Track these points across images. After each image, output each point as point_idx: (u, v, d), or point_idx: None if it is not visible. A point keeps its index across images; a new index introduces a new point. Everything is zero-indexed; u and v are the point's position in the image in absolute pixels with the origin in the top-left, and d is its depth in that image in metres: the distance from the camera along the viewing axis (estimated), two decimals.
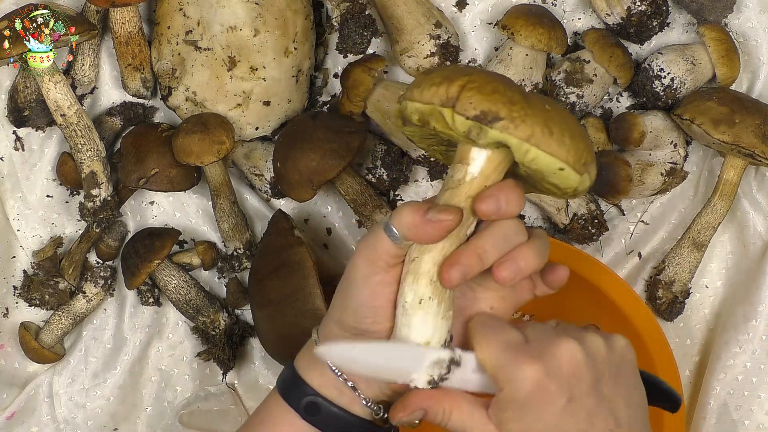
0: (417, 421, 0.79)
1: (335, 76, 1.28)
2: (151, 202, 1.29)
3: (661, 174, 1.23)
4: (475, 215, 0.76)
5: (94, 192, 1.22)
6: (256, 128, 1.25)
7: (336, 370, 0.79)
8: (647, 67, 1.22)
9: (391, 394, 0.80)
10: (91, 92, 1.27)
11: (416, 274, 0.76)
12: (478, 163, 0.76)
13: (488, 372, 0.75)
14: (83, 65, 1.24)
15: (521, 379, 0.73)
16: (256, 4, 1.17)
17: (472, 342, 0.77)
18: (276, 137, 1.27)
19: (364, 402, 0.80)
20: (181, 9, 1.19)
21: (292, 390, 0.81)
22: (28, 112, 1.24)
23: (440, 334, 0.76)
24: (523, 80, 1.20)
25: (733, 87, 1.23)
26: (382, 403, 0.80)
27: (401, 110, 0.78)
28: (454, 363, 0.75)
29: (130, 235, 1.28)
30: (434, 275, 0.76)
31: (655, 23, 1.22)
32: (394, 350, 0.76)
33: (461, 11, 1.27)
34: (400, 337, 0.76)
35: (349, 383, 0.79)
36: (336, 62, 1.28)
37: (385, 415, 0.80)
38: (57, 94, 1.18)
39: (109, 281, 1.26)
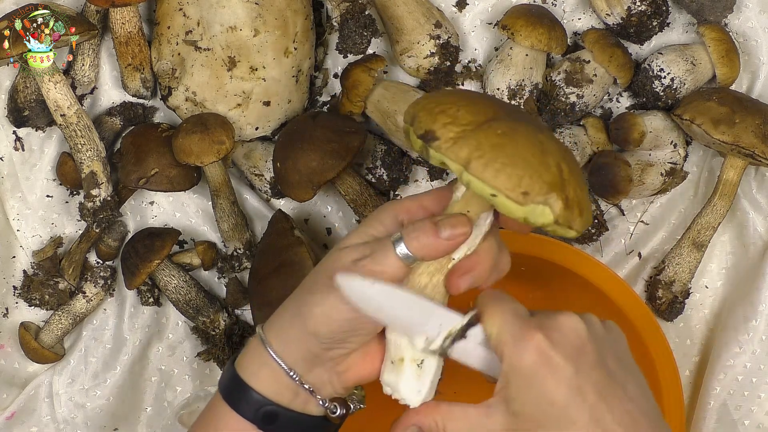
0: None
1: (335, 76, 1.29)
2: (151, 202, 1.30)
3: (661, 174, 1.23)
4: None
5: (94, 192, 1.22)
6: (256, 128, 1.25)
7: (293, 374, 0.78)
8: (647, 67, 1.22)
9: (343, 392, 0.81)
10: (91, 92, 1.27)
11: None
12: (462, 187, 0.78)
13: (492, 342, 0.74)
14: (83, 65, 1.24)
15: (525, 348, 0.72)
16: (256, 4, 1.17)
17: (480, 313, 0.76)
18: (276, 137, 1.27)
19: (320, 403, 0.80)
20: (181, 9, 1.19)
21: (242, 399, 0.79)
22: (28, 112, 1.24)
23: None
24: (523, 80, 1.21)
25: (733, 87, 1.23)
26: (335, 400, 0.81)
27: None
28: (460, 337, 0.75)
29: (130, 235, 1.28)
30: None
31: (655, 23, 1.22)
32: (415, 302, 0.75)
33: (461, 11, 1.27)
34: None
35: (306, 386, 0.79)
36: (336, 62, 1.28)
37: (342, 412, 0.81)
38: (57, 94, 1.18)
39: (109, 281, 1.26)
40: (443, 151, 0.73)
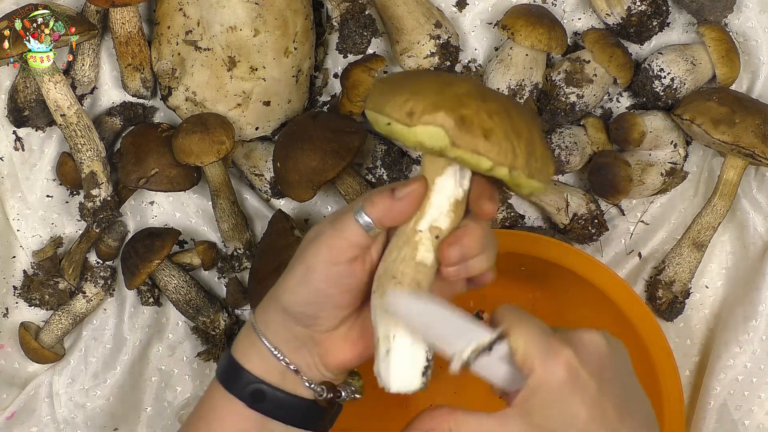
0: None
1: (335, 76, 1.29)
2: (151, 202, 1.30)
3: (661, 174, 1.23)
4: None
5: (94, 192, 1.22)
6: (256, 128, 1.25)
7: (278, 354, 0.81)
8: (647, 67, 1.22)
9: (331, 376, 0.83)
10: (91, 92, 1.27)
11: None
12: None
13: (518, 357, 0.74)
14: (83, 65, 1.24)
15: (555, 364, 0.73)
16: (256, 4, 1.17)
17: (506, 329, 0.75)
18: (276, 137, 1.27)
19: (307, 384, 0.82)
20: (181, 9, 1.19)
21: (234, 379, 0.82)
22: (28, 112, 1.24)
23: None
24: (523, 80, 1.21)
25: (733, 87, 1.23)
26: (324, 384, 0.82)
27: None
28: (486, 351, 0.75)
29: (130, 235, 1.28)
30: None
31: (655, 23, 1.22)
32: (454, 316, 0.75)
33: (461, 11, 1.27)
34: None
35: (292, 366, 0.81)
36: (336, 62, 1.28)
37: (329, 396, 0.82)
38: (57, 94, 1.18)
39: (109, 281, 1.26)
40: (370, 107, 0.76)
